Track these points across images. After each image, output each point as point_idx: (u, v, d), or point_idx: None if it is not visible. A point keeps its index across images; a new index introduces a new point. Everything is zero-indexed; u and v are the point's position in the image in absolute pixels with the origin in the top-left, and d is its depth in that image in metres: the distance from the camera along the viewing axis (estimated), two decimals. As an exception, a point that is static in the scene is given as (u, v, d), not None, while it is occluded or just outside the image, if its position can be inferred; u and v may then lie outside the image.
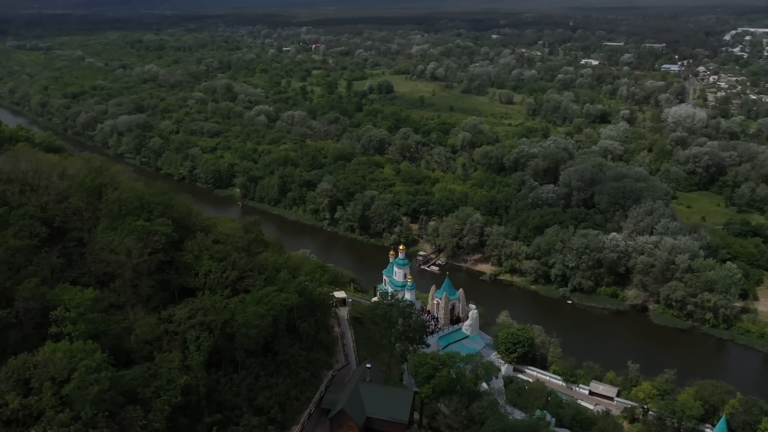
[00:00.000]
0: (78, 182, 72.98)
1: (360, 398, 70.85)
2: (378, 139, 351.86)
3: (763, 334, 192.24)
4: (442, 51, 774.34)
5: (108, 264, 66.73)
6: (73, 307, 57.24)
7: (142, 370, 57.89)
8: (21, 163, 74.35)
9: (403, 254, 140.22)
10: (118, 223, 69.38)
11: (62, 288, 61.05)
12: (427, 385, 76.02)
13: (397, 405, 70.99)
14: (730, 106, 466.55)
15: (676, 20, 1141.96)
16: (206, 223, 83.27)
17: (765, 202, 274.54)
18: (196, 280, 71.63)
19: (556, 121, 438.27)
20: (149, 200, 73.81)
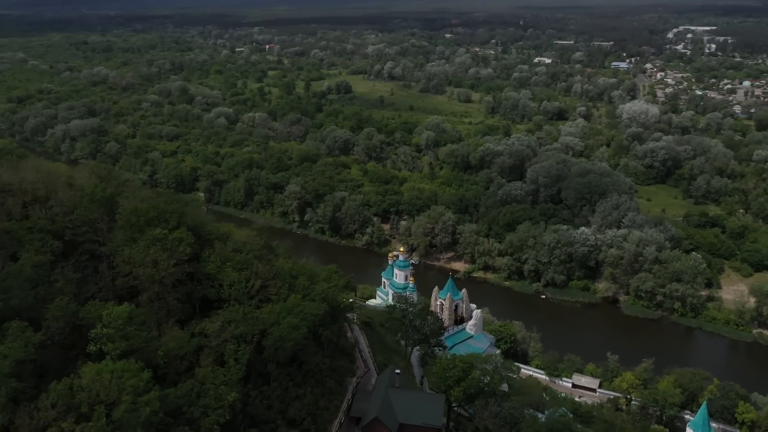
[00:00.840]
0: (89, 192, 69.17)
1: (391, 405, 69.80)
2: (343, 139, 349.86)
3: (728, 321, 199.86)
4: (398, 50, 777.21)
5: (134, 278, 63.49)
6: (110, 324, 54.16)
7: (188, 387, 55.22)
8: (26, 174, 69.86)
9: (404, 256, 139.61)
10: (137, 234, 66.12)
11: (95, 304, 57.76)
12: (458, 388, 75.49)
13: (430, 410, 70.27)
14: (679, 101, 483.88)
15: (621, 19, 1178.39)
16: (220, 232, 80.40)
17: (720, 193, 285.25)
18: (220, 292, 68.93)
19: (515, 118, 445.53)
20: (164, 209, 70.61)
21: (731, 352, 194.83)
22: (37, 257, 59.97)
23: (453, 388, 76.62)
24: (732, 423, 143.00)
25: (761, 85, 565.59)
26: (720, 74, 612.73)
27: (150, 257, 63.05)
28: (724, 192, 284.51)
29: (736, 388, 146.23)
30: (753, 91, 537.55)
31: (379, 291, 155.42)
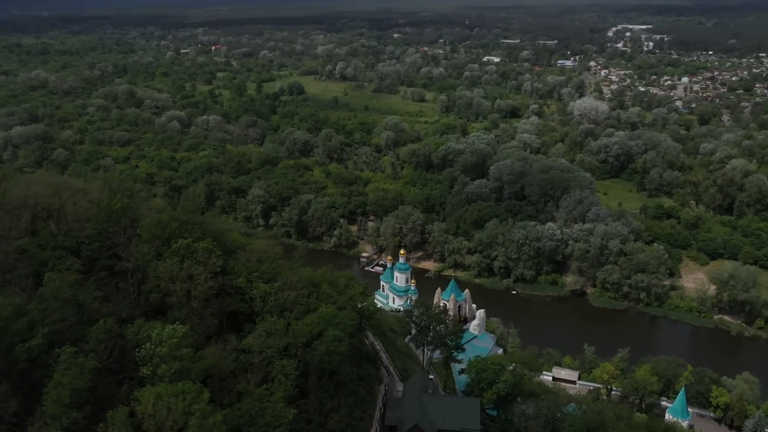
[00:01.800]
0: (106, 205, 65.06)
1: (427, 411, 68.84)
2: (302, 141, 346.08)
3: (690, 308, 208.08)
4: (348, 51, 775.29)
5: (167, 293, 59.92)
6: (164, 344, 50.89)
7: (247, 407, 52.43)
8: (39, 189, 65.02)
9: (404, 259, 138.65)
10: (162, 247, 62.53)
11: (141, 324, 54.17)
12: (491, 391, 75.17)
13: (466, 414, 69.68)
14: (625, 98, 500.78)
15: (562, 18, 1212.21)
16: (240, 242, 77.26)
17: (672, 186, 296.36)
18: (252, 305, 66.05)
19: (470, 117, 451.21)
20: (186, 220, 67.13)
21: (695, 338, 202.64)
22: (70, 276, 56.01)
23: (486, 391, 76.38)
24: (706, 407, 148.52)
25: (698, 81, 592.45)
26: (660, 71, 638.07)
27: (185, 271, 59.93)
28: (675, 184, 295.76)
29: (709, 373, 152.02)
30: (691, 87, 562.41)
31: (378, 294, 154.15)
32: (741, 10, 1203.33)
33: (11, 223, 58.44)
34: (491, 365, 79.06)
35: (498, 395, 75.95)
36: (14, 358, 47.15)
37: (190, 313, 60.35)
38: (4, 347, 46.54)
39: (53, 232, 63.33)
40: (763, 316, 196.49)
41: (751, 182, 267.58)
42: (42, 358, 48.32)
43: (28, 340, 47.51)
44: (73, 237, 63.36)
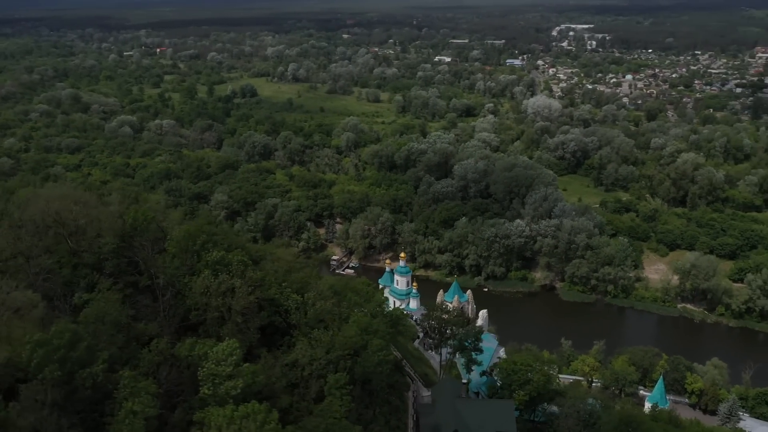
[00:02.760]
0: (131, 219, 61.27)
1: (462, 416, 68.20)
2: (262, 144, 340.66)
3: (655, 298, 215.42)
4: (299, 52, 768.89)
5: (207, 309, 56.67)
6: (225, 362, 48.03)
7: (313, 425, 50.12)
8: (57, 203, 60.43)
9: (404, 262, 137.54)
10: (192, 260, 59.31)
11: (193, 342, 50.98)
12: (522, 392, 75.01)
13: (501, 416, 69.49)
14: (575, 95, 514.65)
15: (507, 18, 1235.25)
16: (263, 251, 74.49)
17: (627, 180, 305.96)
18: (287, 318, 63.56)
19: (427, 116, 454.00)
20: (212, 231, 64.07)
21: (662, 327, 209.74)
22: (114, 296, 52.42)
23: (517, 392, 76.35)
24: (681, 393, 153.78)
25: (642, 78, 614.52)
26: (605, 69, 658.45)
27: (224, 285, 57.15)
28: (631, 179, 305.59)
29: (683, 360, 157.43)
30: (636, 84, 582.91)
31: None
32: (675, 10, 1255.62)
33: (33, 242, 54.49)
34: (522, 366, 79.33)
35: (530, 396, 76.27)
36: (75, 386, 43.93)
37: (233, 329, 57.75)
38: (64, 376, 43.29)
39: (75, 248, 59.41)
40: (724, 303, 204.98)
41: (702, 175, 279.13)
42: (102, 385, 45.14)
43: (87, 366, 44.33)
44: (94, 253, 59.64)
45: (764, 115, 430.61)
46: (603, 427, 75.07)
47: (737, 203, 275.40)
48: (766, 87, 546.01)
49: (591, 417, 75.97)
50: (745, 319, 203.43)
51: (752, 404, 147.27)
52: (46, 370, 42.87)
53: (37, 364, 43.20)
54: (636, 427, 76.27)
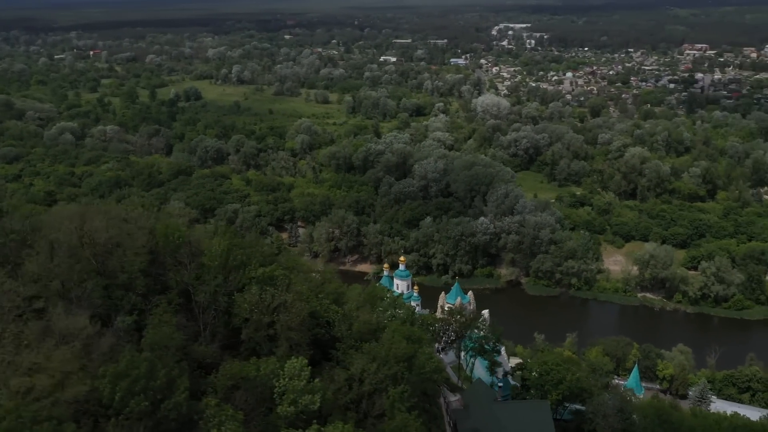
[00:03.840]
0: (163, 235, 57.16)
1: (500, 420, 67.65)
2: (214, 149, 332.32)
3: (617, 289, 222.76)
4: (242, 53, 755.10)
5: (259, 326, 53.26)
6: (296, 378, 45.30)
7: None
8: (92, 222, 55.35)
9: (403, 265, 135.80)
10: (233, 275, 55.82)
11: (257, 362, 47.75)
12: (556, 391, 74.92)
13: (538, 417, 69.31)
14: (520, 93, 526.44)
15: (447, 18, 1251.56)
16: (290, 263, 71.32)
17: (579, 175, 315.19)
18: (334, 330, 60.92)
19: (378, 117, 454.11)
20: (245, 245, 60.85)
21: (625, 316, 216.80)
22: (170, 318, 48.72)
23: (551, 392, 76.39)
24: (653, 380, 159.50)
25: (581, 76, 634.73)
26: (545, 67, 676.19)
27: (276, 300, 54.22)
28: (582, 174, 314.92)
29: (653, 348, 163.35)
30: (576, 82, 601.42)
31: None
32: (606, 9, 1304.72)
33: (70, 264, 50.22)
34: (553, 366, 79.65)
35: (563, 395, 76.69)
36: (159, 418, 40.70)
37: (285, 346, 54.96)
38: (147, 408, 39.98)
39: (106, 268, 55.11)
40: (681, 291, 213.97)
41: (649, 168, 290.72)
42: (186, 414, 42.07)
43: (169, 396, 41.18)
44: (125, 272, 55.53)
45: (698, 110, 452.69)
46: (641, 422, 76.54)
47: (683, 194, 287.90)
48: (696, 82, 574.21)
49: (623, 413, 77.34)
50: (701, 305, 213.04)
51: (719, 386, 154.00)
52: (132, 403, 39.78)
53: (120, 398, 40.04)
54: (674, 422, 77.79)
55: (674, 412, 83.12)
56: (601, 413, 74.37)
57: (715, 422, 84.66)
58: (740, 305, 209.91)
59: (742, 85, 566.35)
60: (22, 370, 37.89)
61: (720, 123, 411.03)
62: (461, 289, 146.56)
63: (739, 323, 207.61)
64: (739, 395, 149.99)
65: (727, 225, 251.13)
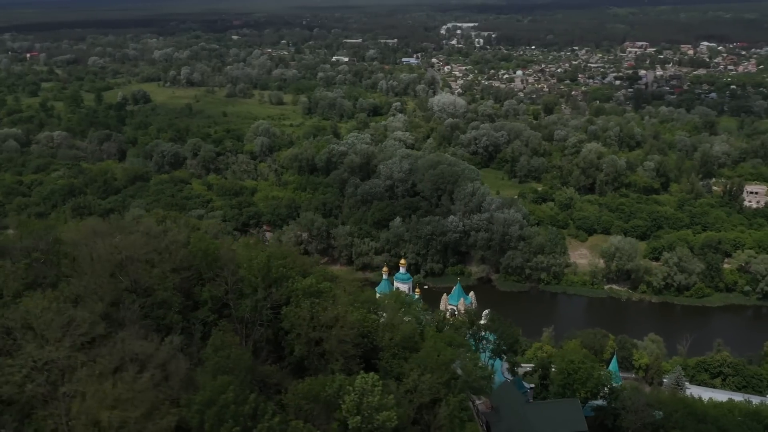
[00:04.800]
0: (202, 249, 53.56)
1: (533, 421, 67.18)
2: (171, 153, 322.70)
3: (584, 282, 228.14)
4: (189, 54, 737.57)
5: (311, 342, 50.49)
6: (368, 393, 43.07)
7: None
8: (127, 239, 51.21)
9: (404, 268, 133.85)
10: (287, 291, 52.83)
11: (326, 379, 45.15)
12: (584, 389, 74.88)
13: (572, 417, 69.21)
14: (474, 92, 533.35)
15: (395, 18, 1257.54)
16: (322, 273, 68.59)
17: (539, 171, 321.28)
18: (378, 340, 58.66)
19: (334, 117, 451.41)
20: (282, 255, 57.97)
21: (590, 307, 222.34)
22: (233, 338, 45.66)
23: (579, 390, 76.44)
24: (629, 369, 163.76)
25: (531, 74, 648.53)
26: (496, 66, 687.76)
27: (328, 313, 51.78)
28: (542, 170, 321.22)
29: (628, 339, 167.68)
30: (527, 80, 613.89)
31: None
32: (549, 9, 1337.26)
33: (114, 284, 46.60)
34: (581, 364, 79.84)
35: (591, 392, 77.17)
36: None
37: (340, 360, 52.72)
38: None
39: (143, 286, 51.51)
40: (645, 281, 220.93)
41: (606, 163, 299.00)
42: None
43: (258, 421, 38.61)
44: (165, 289, 52.04)
45: (645, 105, 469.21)
46: (674, 415, 77.54)
47: (638, 187, 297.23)
48: (640, 79, 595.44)
49: (653, 407, 78.42)
50: (664, 295, 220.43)
51: (692, 373, 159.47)
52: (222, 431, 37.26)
53: (210, 426, 37.41)
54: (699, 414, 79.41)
55: (700, 404, 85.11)
56: (633, 408, 75.69)
57: (728, 410, 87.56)
58: (701, 293, 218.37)
59: (682, 81, 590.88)
60: (108, 402, 34.98)
61: (666, 118, 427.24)
62: (462, 290, 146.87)
63: (700, 310, 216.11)
64: (711, 380, 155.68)
65: (682, 216, 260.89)
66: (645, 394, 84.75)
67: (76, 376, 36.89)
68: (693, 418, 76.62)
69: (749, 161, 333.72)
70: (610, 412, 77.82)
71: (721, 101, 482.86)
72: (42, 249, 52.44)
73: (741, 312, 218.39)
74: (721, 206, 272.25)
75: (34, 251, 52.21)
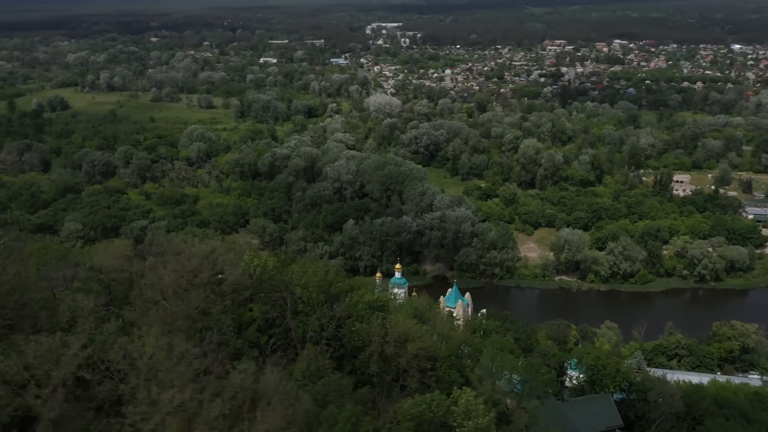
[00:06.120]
0: (256, 268, 48.64)
1: (567, 416, 66.70)
2: (102, 162, 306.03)
3: (536, 275, 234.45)
4: (107, 58, 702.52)
5: (383, 360, 46.83)
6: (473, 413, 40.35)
7: None
8: (188, 261, 45.43)
9: (399, 273, 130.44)
10: (348, 308, 48.96)
11: (427, 398, 41.77)
12: (613, 384, 75.15)
13: (606, 412, 69.29)
14: (407, 91, 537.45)
15: (318, 18, 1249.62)
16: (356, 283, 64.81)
17: (480, 168, 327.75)
18: (435, 352, 55.88)
19: (269, 120, 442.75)
20: (327, 269, 54.14)
21: (542, 299, 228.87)
22: (326, 362, 41.57)
23: (609, 386, 76.84)
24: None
25: (459, 72, 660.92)
26: (424, 65, 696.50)
27: (402, 328, 48.62)
28: (483, 167, 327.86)
29: (589, 328, 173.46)
30: (456, 78, 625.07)
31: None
32: (469, 8, 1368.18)
33: (188, 314, 41.66)
34: (609, 360, 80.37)
35: (620, 388, 77.93)
36: None
37: (417, 379, 49.81)
38: None
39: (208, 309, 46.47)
40: (593, 271, 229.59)
41: (545, 158, 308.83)
42: None
43: None
44: (227, 311, 47.36)
45: (571, 101, 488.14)
46: (701, 403, 79.53)
47: (576, 180, 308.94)
48: (563, 76, 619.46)
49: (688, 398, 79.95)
50: (611, 283, 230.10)
51: (650, 356, 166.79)
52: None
53: None
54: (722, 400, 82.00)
55: (715, 390, 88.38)
56: (667, 400, 77.39)
57: (733, 393, 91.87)
58: (644, 279, 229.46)
59: (601, 77, 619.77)
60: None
61: (593, 113, 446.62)
62: (459, 292, 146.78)
63: (645, 296, 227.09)
64: (668, 362, 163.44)
65: (620, 207, 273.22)
66: (670, 383, 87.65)
67: (203, 418, 32.83)
68: (716, 405, 79.91)
69: (672, 152, 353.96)
70: (633, 404, 79.92)
71: (640, 96, 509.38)
72: (80, 278, 47.27)
73: (680, 295, 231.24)
74: (653, 195, 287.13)
75: (74, 280, 46.92)
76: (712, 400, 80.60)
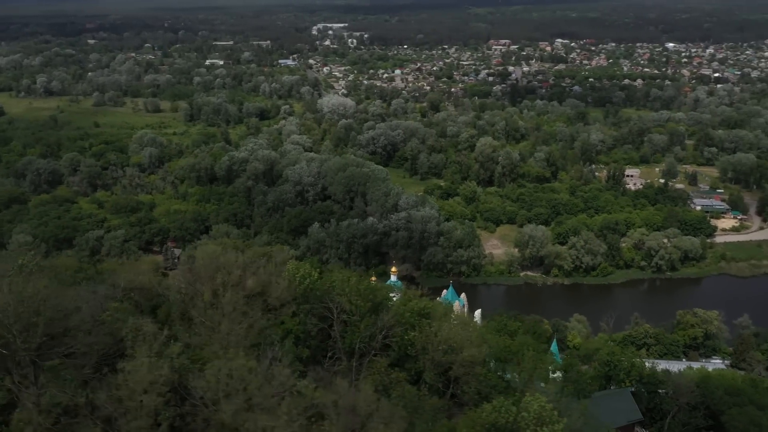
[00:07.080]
0: (302, 281, 45.36)
1: (592, 414, 66.39)
2: (49, 171, 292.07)
3: (501, 271, 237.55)
4: (43, 61, 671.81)
5: (441, 365, 44.37)
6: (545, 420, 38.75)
7: None
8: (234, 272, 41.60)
9: (395, 276, 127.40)
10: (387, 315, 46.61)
11: (495, 405, 39.72)
12: (629, 379, 75.27)
13: (626, 407, 69.45)
14: (359, 92, 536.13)
15: (262, 19, 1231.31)
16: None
17: (439, 167, 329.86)
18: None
19: (221, 123, 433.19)
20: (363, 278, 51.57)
21: (509, 294, 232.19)
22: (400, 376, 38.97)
23: (624, 380, 77.04)
24: (564, 350, 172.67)
25: (409, 72, 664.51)
26: (374, 65, 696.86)
27: (456, 335, 46.64)
28: (442, 166, 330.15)
29: (561, 321, 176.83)
30: (407, 78, 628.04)
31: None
32: (413, 9, 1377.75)
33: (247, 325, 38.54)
34: (624, 356, 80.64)
35: (635, 380, 78.44)
36: None
37: (473, 387, 48.04)
38: None
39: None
40: (557, 266, 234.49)
41: (502, 156, 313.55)
42: None
43: None
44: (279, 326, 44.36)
45: (521, 100, 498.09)
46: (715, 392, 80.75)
47: (532, 177, 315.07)
48: (510, 75, 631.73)
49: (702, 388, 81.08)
50: (574, 276, 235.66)
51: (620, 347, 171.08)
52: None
53: None
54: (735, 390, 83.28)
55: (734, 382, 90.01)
56: (685, 391, 78.55)
57: (731, 380, 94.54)
58: (606, 272, 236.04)
59: (547, 76, 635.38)
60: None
61: (543, 110, 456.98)
62: (455, 292, 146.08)
63: (606, 288, 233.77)
64: (638, 351, 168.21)
65: (577, 201, 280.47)
66: (687, 376, 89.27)
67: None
68: (727, 394, 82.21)
69: (621, 147, 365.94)
70: (647, 397, 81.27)
71: (586, 93, 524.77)
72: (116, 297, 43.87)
73: (639, 285, 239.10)
74: (607, 190, 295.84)
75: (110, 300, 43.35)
76: (728, 391, 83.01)
